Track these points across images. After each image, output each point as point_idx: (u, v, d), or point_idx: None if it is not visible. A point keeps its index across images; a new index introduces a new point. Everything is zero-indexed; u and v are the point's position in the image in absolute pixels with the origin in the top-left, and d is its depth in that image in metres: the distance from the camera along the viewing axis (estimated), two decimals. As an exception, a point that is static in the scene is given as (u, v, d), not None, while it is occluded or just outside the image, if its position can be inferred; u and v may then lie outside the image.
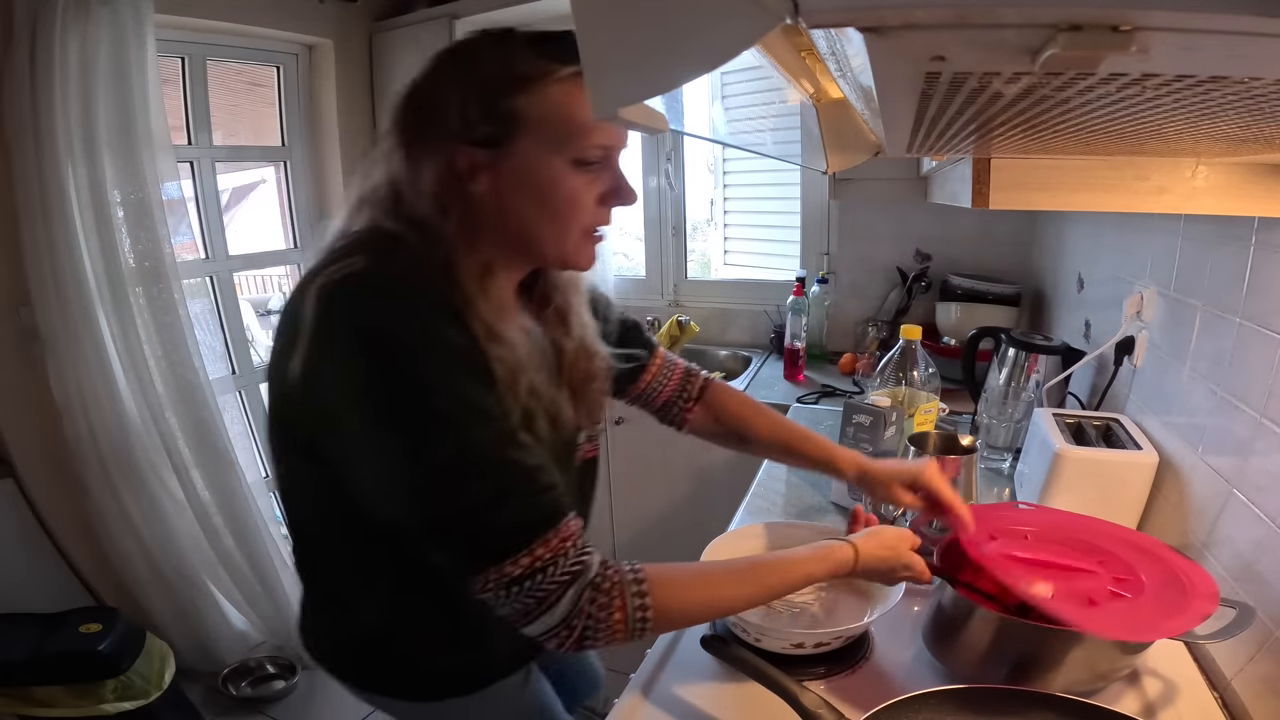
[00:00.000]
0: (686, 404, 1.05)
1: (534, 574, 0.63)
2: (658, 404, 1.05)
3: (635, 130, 0.39)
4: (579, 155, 0.70)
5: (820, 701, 0.68)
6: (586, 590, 0.64)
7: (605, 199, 0.74)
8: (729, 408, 1.06)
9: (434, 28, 2.41)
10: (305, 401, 0.68)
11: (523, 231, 0.72)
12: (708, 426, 1.07)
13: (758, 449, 1.06)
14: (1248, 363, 0.83)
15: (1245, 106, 0.35)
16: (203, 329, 2.06)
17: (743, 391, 1.10)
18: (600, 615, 0.64)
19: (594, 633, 0.65)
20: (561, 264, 0.77)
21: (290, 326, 0.66)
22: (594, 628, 0.64)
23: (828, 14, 0.27)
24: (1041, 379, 1.33)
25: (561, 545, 0.64)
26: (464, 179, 0.70)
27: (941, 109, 0.40)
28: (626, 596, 0.65)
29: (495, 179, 0.70)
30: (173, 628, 2.06)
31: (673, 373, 1.05)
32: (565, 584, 0.63)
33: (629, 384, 1.02)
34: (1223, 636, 0.68)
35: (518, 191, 0.70)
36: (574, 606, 0.63)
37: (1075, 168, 0.72)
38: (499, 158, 0.69)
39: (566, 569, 0.64)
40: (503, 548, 0.63)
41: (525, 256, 0.76)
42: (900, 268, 2.29)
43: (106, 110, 1.79)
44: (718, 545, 0.98)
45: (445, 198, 0.69)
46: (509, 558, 0.63)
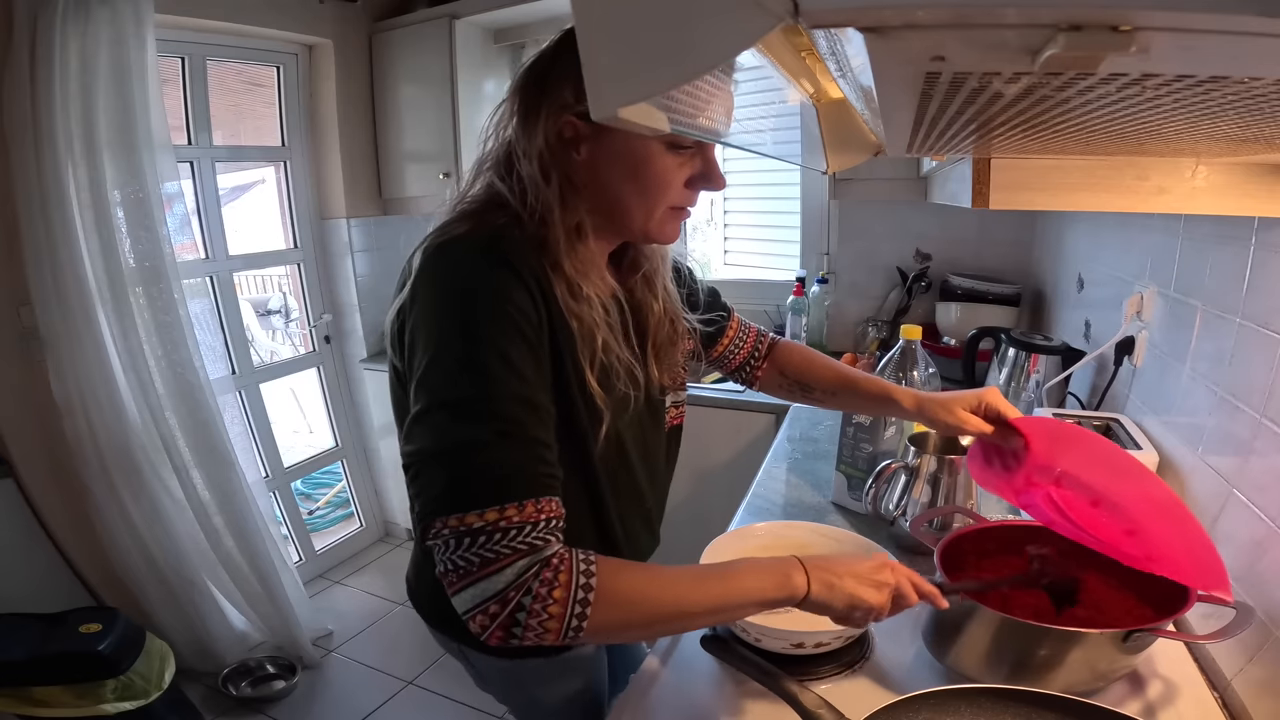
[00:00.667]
0: (757, 362, 1.12)
1: (493, 532, 0.62)
2: (734, 364, 1.12)
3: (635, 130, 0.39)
4: (673, 139, 0.73)
5: (820, 701, 0.68)
6: (536, 565, 0.62)
7: (693, 182, 0.78)
8: (792, 360, 1.12)
9: (434, 28, 2.41)
10: (401, 347, 0.73)
11: (614, 202, 0.77)
12: (774, 380, 1.13)
13: (820, 395, 1.10)
14: (1248, 363, 0.83)
15: (1245, 106, 0.35)
16: (203, 329, 2.06)
17: (802, 345, 1.16)
18: (541, 592, 0.61)
19: (527, 615, 0.61)
20: (645, 237, 0.81)
21: (401, 281, 0.76)
22: (528, 608, 0.61)
23: (828, 14, 0.27)
24: (1041, 379, 1.33)
25: (535, 515, 0.63)
26: (568, 147, 0.75)
27: (941, 109, 0.40)
28: (574, 574, 0.62)
29: (595, 150, 0.75)
30: (173, 628, 2.06)
31: (747, 335, 1.13)
32: (519, 554, 0.62)
33: (710, 346, 1.09)
34: (1223, 636, 0.68)
35: (613, 165, 0.75)
36: (518, 578, 0.61)
37: (1075, 168, 0.72)
38: (600, 131, 0.73)
39: (525, 540, 0.62)
40: (475, 494, 0.63)
41: (614, 226, 0.80)
42: (900, 268, 2.29)
43: (106, 110, 1.79)
44: (718, 545, 0.98)
45: (549, 163, 0.74)
46: (476, 508, 0.62)
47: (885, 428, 1.19)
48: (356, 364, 2.79)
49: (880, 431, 1.19)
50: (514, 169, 0.76)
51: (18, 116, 1.72)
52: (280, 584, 2.19)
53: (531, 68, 0.77)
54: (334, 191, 2.62)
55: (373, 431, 2.87)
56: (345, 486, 3.02)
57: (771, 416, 2.00)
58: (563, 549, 0.64)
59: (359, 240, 2.69)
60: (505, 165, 0.77)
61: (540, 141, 0.74)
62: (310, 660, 2.24)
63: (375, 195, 2.72)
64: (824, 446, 1.58)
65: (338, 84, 2.49)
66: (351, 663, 2.27)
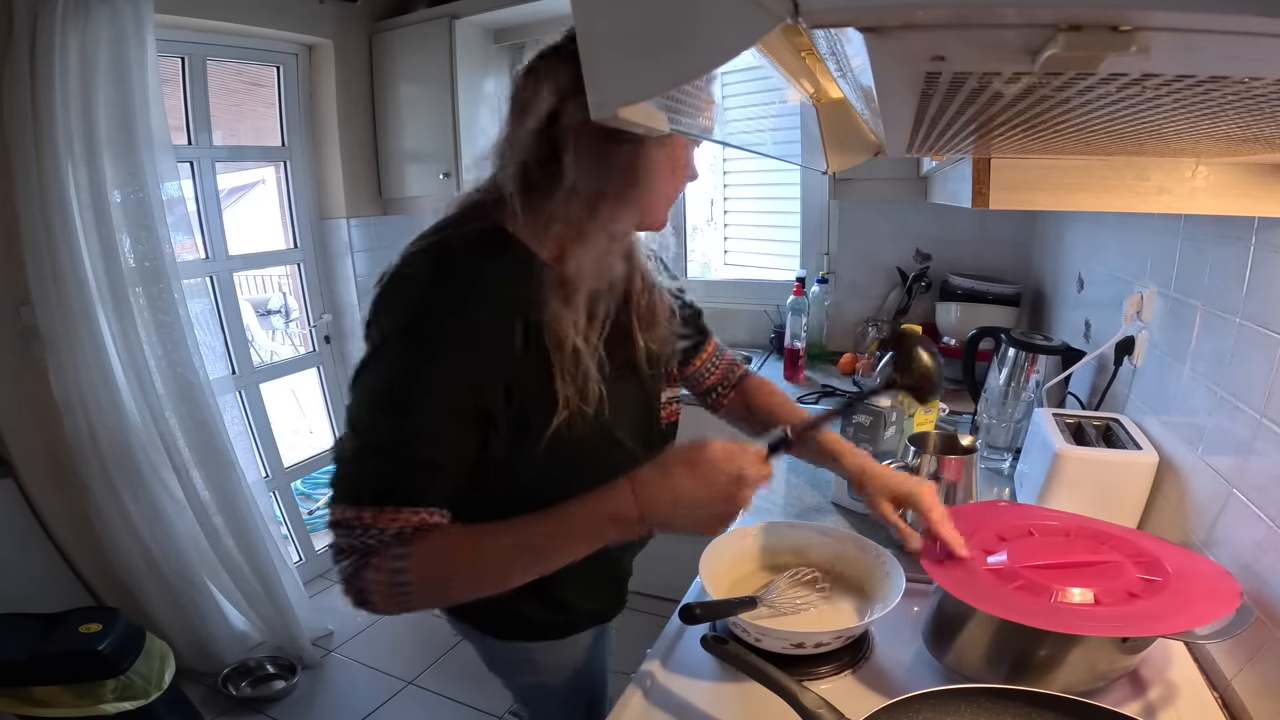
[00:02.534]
0: (725, 390, 1.14)
1: (350, 527, 0.71)
2: (704, 387, 1.14)
3: (635, 130, 0.39)
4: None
5: (820, 701, 0.68)
6: (367, 557, 0.71)
7: (678, 172, 0.82)
8: (759, 396, 1.12)
9: (434, 28, 2.41)
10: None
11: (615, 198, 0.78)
12: (738, 412, 1.14)
13: None
14: (1248, 363, 0.83)
15: (1245, 106, 0.35)
16: (203, 329, 2.06)
17: (773, 383, 1.17)
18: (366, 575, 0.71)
19: (367, 593, 0.72)
20: (639, 227, 0.85)
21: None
22: (364, 587, 0.72)
23: (828, 14, 0.27)
24: (1041, 379, 1.33)
25: (388, 522, 0.71)
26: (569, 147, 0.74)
27: (941, 109, 0.40)
28: (386, 559, 0.71)
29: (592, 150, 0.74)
30: (173, 628, 2.05)
31: (720, 360, 1.14)
32: (360, 551, 0.72)
33: (685, 364, 1.10)
34: (1222, 636, 0.68)
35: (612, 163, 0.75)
36: (355, 570, 0.72)
37: (1075, 168, 0.72)
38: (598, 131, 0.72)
39: (369, 540, 0.71)
40: (355, 491, 0.72)
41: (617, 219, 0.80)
42: (900, 268, 2.29)
43: (106, 110, 1.79)
44: (718, 545, 0.98)
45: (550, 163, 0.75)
46: (347, 503, 0.72)
47: (885, 428, 1.19)
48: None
49: (880, 431, 1.19)
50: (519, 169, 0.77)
51: (18, 116, 1.72)
52: (280, 584, 2.19)
53: (530, 70, 0.79)
54: (334, 191, 2.62)
55: (373, 431, 2.87)
56: (345, 486, 3.01)
57: (771, 416, 2.00)
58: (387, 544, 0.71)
59: (359, 240, 2.69)
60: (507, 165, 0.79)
61: (542, 143, 0.75)
62: (310, 660, 2.24)
63: (375, 195, 2.72)
64: (824, 446, 1.58)
65: (338, 84, 2.49)
66: (351, 663, 2.27)
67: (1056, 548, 0.83)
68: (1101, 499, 1.02)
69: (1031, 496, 1.11)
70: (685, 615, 0.83)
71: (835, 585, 0.97)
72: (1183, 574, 0.76)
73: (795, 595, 0.93)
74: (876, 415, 1.19)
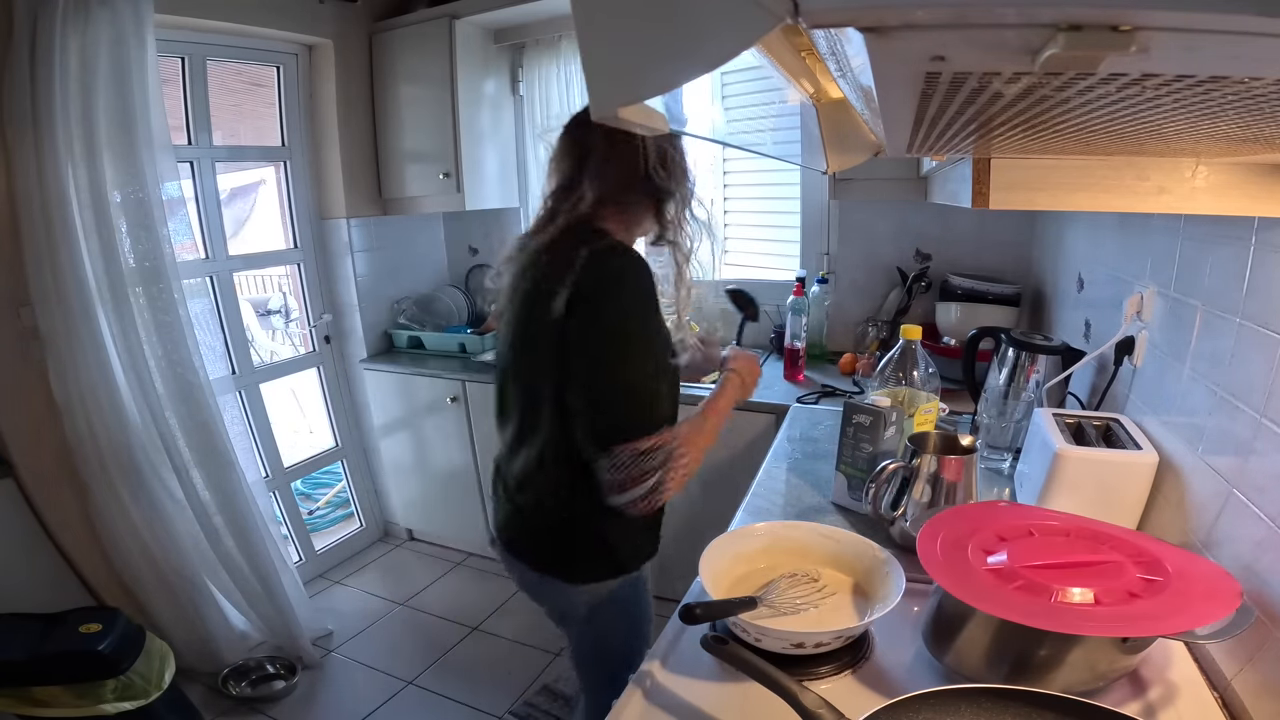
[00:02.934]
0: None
1: (653, 452, 1.02)
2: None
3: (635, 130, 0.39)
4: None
5: (820, 701, 0.68)
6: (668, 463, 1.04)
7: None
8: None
9: (434, 28, 2.42)
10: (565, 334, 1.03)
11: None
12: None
13: None
14: (1248, 363, 0.83)
15: (1245, 106, 0.35)
16: (203, 329, 2.06)
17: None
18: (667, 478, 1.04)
19: (662, 491, 1.04)
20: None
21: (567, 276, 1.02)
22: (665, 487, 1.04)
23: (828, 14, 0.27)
24: (1041, 379, 1.33)
25: (670, 438, 1.05)
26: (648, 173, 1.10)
27: (941, 109, 0.40)
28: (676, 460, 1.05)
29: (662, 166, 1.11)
30: (173, 628, 2.06)
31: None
32: (664, 462, 1.03)
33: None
34: (1222, 636, 0.68)
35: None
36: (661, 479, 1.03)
37: (1075, 168, 0.72)
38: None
39: (669, 451, 1.04)
40: (646, 426, 1.03)
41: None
42: (900, 268, 2.29)
43: (106, 110, 1.79)
44: (718, 545, 0.98)
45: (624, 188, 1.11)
46: (643, 436, 1.01)
47: (885, 428, 1.19)
48: (356, 364, 2.79)
49: (880, 431, 1.19)
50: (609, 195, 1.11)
51: (18, 117, 1.72)
52: (280, 584, 2.19)
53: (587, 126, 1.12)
54: (334, 191, 2.62)
55: (373, 431, 2.87)
56: (345, 486, 3.02)
57: (771, 417, 2.00)
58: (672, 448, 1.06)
59: (359, 240, 2.69)
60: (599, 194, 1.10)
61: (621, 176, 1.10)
62: (310, 660, 2.24)
63: (375, 195, 2.72)
64: (824, 446, 1.58)
65: (338, 84, 2.49)
66: (351, 663, 2.27)
67: (1056, 548, 0.83)
68: (1101, 499, 1.02)
69: (1031, 496, 1.11)
70: (685, 615, 0.83)
71: (835, 585, 0.97)
72: (1183, 574, 0.76)
73: (795, 595, 0.93)
74: (876, 415, 1.19)
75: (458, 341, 2.70)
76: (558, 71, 2.55)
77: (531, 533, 1.20)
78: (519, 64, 2.67)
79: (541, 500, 1.16)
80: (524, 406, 1.15)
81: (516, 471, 1.18)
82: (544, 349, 1.06)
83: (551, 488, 1.14)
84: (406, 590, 2.66)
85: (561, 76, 2.55)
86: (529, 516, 1.19)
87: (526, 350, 1.12)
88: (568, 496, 1.12)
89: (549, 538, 1.17)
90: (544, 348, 1.06)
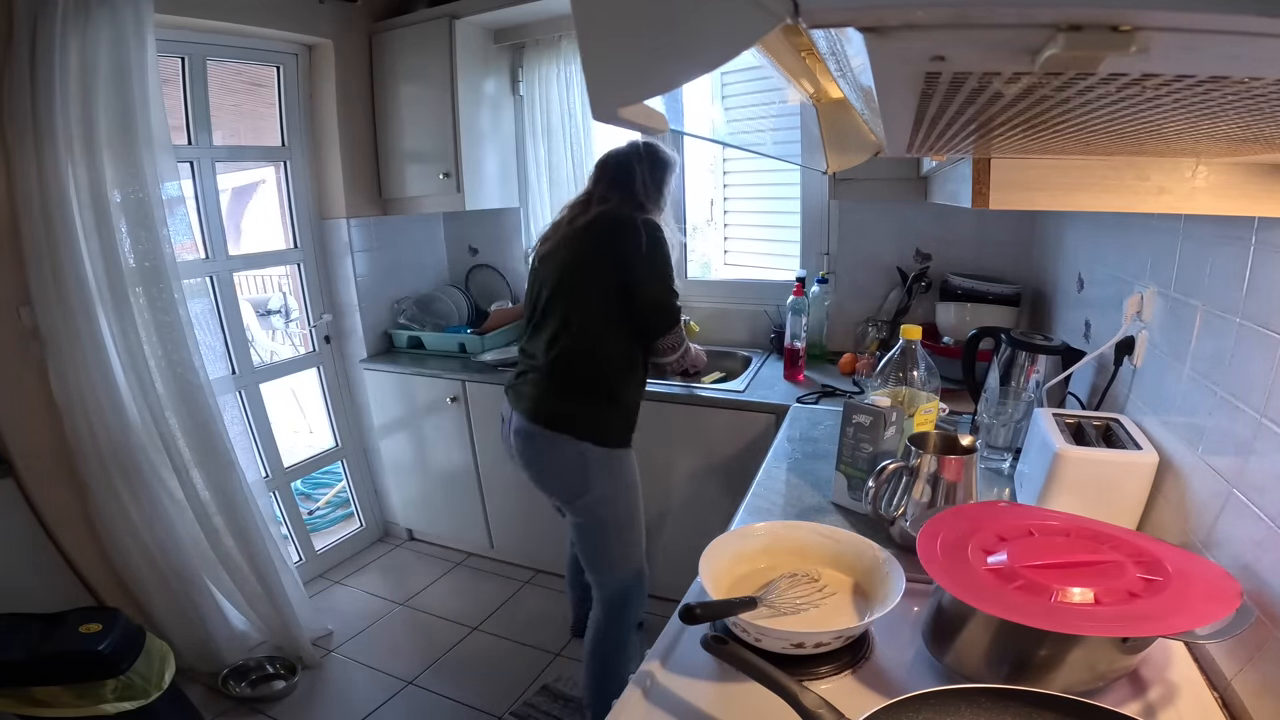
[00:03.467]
0: None
1: (681, 337, 1.72)
2: None
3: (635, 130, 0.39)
4: None
5: (820, 701, 0.68)
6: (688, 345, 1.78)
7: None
8: None
9: (434, 28, 2.42)
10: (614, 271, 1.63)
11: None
12: None
13: None
14: (1248, 363, 0.83)
15: (1245, 106, 0.35)
16: (203, 329, 2.06)
17: None
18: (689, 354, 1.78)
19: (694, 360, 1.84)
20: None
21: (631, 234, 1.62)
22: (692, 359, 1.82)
23: (828, 14, 0.27)
24: (1041, 379, 1.33)
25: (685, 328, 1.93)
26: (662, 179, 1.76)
27: (941, 109, 0.40)
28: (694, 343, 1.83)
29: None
30: (173, 628, 2.06)
31: None
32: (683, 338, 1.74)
33: None
34: (1222, 636, 0.68)
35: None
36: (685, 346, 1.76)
37: (1075, 168, 0.72)
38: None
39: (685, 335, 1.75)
40: (678, 319, 1.70)
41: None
42: (900, 268, 2.29)
43: (106, 110, 1.79)
44: (718, 545, 0.98)
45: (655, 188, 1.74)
46: (677, 324, 1.70)
47: (885, 428, 1.20)
48: (356, 364, 2.79)
49: (880, 431, 1.19)
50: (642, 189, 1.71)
51: (18, 117, 1.72)
52: (280, 584, 2.19)
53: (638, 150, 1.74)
54: (334, 191, 2.62)
55: (372, 431, 2.87)
56: (345, 486, 3.02)
57: (771, 417, 2.00)
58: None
59: (359, 240, 2.69)
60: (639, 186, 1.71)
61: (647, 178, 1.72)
62: (310, 660, 2.24)
63: (375, 195, 2.72)
64: (824, 446, 1.58)
65: (338, 84, 2.49)
66: (351, 663, 2.27)
67: (1056, 548, 0.83)
68: (1101, 499, 1.02)
69: (1031, 496, 1.11)
70: (685, 615, 0.83)
71: (835, 585, 0.97)
72: (1183, 574, 0.76)
73: (795, 595, 0.93)
74: (876, 415, 1.19)
75: (458, 341, 2.70)
76: (558, 71, 2.55)
77: (575, 409, 1.63)
78: (519, 64, 2.67)
79: (582, 379, 1.64)
80: (581, 315, 1.64)
81: (565, 360, 1.65)
82: (605, 277, 1.61)
83: (602, 371, 1.65)
84: (406, 590, 2.67)
85: (561, 76, 2.55)
86: (579, 398, 1.64)
87: (590, 277, 1.63)
88: (613, 379, 1.66)
89: (593, 411, 1.64)
90: (605, 276, 1.61)
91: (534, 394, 1.67)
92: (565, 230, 1.70)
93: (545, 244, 1.75)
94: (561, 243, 1.69)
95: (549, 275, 1.70)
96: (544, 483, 1.74)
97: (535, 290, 1.76)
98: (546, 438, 1.64)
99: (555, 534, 2.56)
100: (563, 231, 1.70)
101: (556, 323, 1.66)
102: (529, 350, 1.74)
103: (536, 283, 1.75)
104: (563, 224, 1.72)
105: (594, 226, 1.64)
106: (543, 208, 2.76)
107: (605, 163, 1.74)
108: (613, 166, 1.71)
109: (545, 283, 1.71)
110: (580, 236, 1.66)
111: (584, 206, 1.69)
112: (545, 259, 1.72)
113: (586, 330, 1.64)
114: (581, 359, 1.64)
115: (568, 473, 1.67)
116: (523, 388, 1.72)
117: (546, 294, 1.70)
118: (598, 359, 1.64)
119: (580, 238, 1.66)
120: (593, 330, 1.64)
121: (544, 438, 1.64)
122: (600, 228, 1.64)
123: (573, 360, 1.64)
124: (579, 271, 1.65)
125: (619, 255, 1.60)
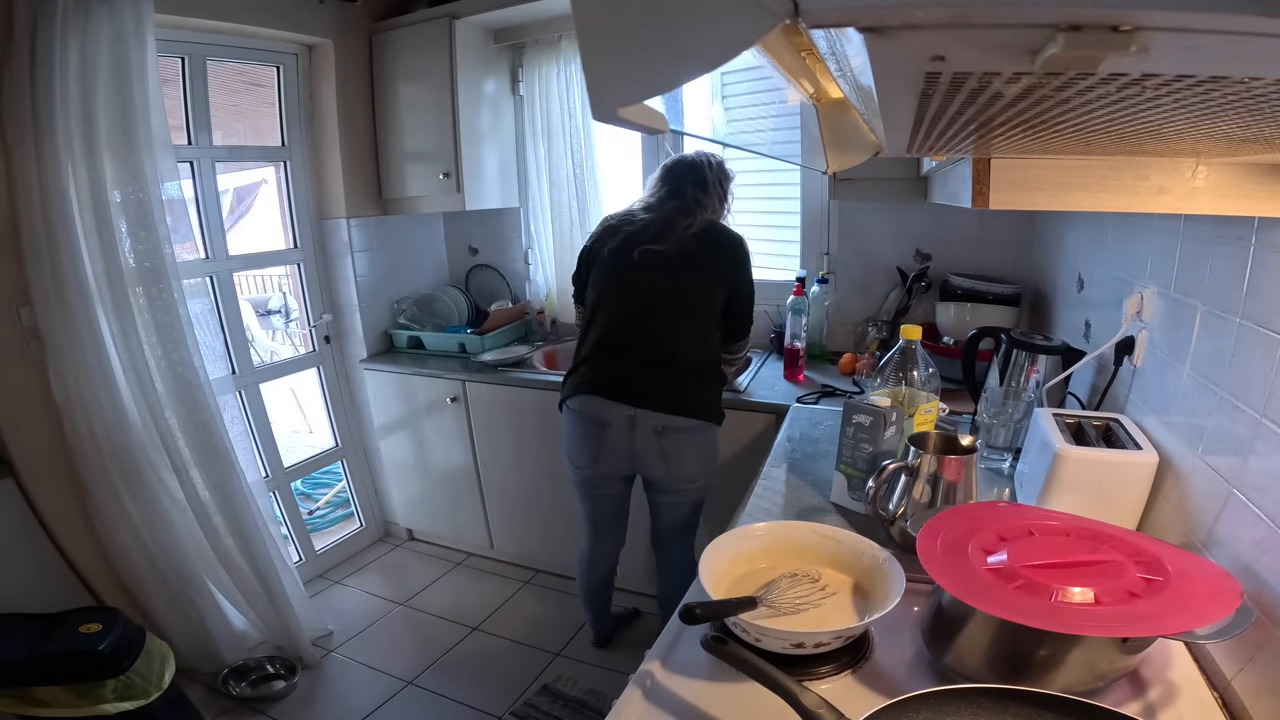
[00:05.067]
0: None
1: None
2: None
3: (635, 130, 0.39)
4: None
5: (820, 701, 0.68)
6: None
7: None
8: None
9: (434, 28, 2.41)
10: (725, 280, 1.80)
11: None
12: None
13: None
14: (1248, 363, 0.83)
15: (1245, 106, 0.35)
16: (203, 329, 2.06)
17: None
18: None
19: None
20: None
21: (742, 250, 1.85)
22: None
23: (828, 14, 0.27)
24: (1041, 379, 1.33)
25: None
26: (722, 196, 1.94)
27: (941, 109, 0.40)
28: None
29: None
30: (173, 628, 2.06)
31: None
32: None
33: None
34: (1222, 636, 0.68)
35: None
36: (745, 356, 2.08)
37: (1075, 168, 0.72)
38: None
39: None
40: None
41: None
42: (900, 268, 2.29)
43: (106, 110, 1.79)
44: (718, 545, 0.98)
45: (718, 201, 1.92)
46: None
47: (885, 428, 1.20)
48: (356, 364, 2.79)
49: (880, 431, 1.19)
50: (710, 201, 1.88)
51: (18, 117, 1.72)
52: (280, 584, 2.19)
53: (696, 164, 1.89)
54: (334, 191, 2.62)
55: (373, 431, 2.87)
56: (345, 486, 3.02)
57: (771, 416, 2.00)
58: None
59: (359, 240, 2.69)
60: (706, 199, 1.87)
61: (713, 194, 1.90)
62: (310, 660, 2.24)
63: (375, 195, 2.72)
64: (824, 446, 1.58)
65: (338, 84, 2.49)
66: (351, 663, 2.27)
67: (1056, 548, 0.83)
68: (1101, 499, 1.02)
69: (1031, 496, 1.12)
70: (685, 615, 0.83)
71: (835, 585, 0.97)
72: (1183, 574, 0.76)
73: (795, 595, 0.93)
74: (876, 415, 1.19)
75: (458, 341, 2.70)
76: (558, 71, 2.55)
77: (708, 396, 1.81)
78: (519, 64, 2.67)
79: (706, 370, 1.81)
80: (700, 313, 1.79)
81: (693, 352, 1.79)
82: (718, 281, 1.78)
83: (713, 361, 1.84)
84: (406, 590, 2.67)
85: (561, 76, 2.55)
86: (709, 385, 1.82)
87: (706, 280, 1.78)
88: (717, 369, 1.86)
89: (716, 395, 1.83)
90: (718, 281, 1.78)
91: (672, 386, 1.75)
92: (680, 233, 1.78)
93: (650, 241, 1.79)
94: (675, 244, 1.78)
95: (664, 273, 1.78)
96: (674, 469, 1.79)
97: (635, 284, 1.80)
98: (691, 427, 1.75)
99: (555, 534, 2.56)
100: (677, 233, 1.78)
101: (680, 319, 1.77)
102: (629, 342, 1.79)
103: (639, 278, 1.79)
104: (665, 224, 1.80)
105: (707, 235, 1.79)
106: (542, 208, 2.76)
107: (679, 170, 1.86)
108: (692, 173, 1.85)
109: (660, 279, 1.79)
110: (696, 241, 1.77)
111: (686, 212, 1.80)
112: (655, 259, 1.78)
113: (705, 327, 1.79)
114: (703, 350, 1.80)
115: (704, 455, 1.81)
116: (647, 386, 1.75)
117: (664, 289, 1.79)
118: (712, 350, 1.82)
119: (696, 243, 1.77)
120: (708, 327, 1.80)
121: (690, 428, 1.75)
122: (714, 236, 1.80)
123: (700, 352, 1.80)
124: (697, 275, 1.78)
125: (735, 268, 1.80)
